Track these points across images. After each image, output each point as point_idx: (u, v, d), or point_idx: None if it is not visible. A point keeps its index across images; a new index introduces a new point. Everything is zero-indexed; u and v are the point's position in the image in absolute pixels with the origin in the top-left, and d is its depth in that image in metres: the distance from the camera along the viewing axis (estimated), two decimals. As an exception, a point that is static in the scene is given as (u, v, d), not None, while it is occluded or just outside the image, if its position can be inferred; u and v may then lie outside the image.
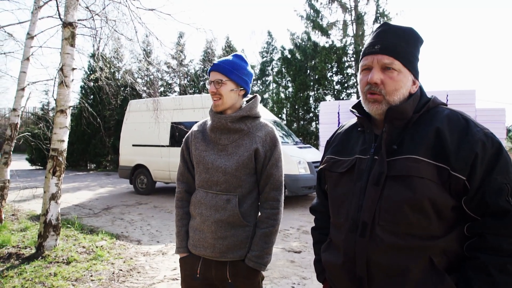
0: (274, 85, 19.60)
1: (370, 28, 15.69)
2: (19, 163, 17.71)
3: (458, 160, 0.99)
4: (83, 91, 17.71)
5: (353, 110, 1.25)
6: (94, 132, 16.85)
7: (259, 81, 20.30)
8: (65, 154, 4.54)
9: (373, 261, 1.06)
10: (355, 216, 1.11)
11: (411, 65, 1.11)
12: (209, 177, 1.63)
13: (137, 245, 4.92)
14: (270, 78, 20.12)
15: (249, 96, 1.78)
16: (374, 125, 1.19)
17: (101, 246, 4.59)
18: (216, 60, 1.68)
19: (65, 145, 4.54)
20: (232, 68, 1.62)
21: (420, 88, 1.17)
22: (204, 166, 1.64)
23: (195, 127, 1.80)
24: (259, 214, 1.69)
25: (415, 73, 1.13)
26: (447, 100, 8.96)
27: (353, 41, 15.82)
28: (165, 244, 4.94)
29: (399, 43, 1.10)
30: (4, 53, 7.01)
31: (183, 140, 1.81)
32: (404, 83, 1.10)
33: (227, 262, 1.62)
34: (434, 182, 1.00)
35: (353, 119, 1.33)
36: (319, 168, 1.39)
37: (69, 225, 5.57)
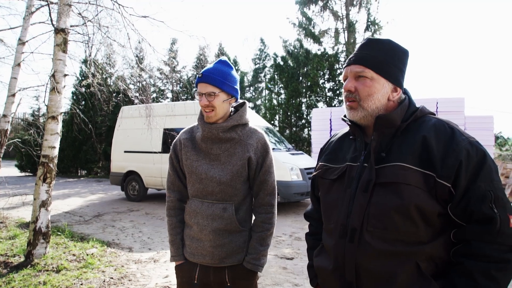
0: (267, 91, 19.68)
1: (361, 36, 15.91)
2: (9, 169, 17.44)
3: (443, 167, 1.02)
4: (74, 97, 17.56)
5: (345, 118, 1.28)
6: (86, 138, 16.71)
7: (251, 88, 20.36)
8: (56, 161, 4.50)
9: (362, 267, 1.09)
10: (345, 222, 1.15)
11: (386, 73, 1.16)
12: (204, 187, 1.63)
13: (129, 252, 4.87)
14: (263, 84, 20.20)
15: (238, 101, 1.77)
16: (365, 133, 1.23)
17: (92, 254, 4.54)
18: (203, 70, 1.63)
19: (56, 152, 4.50)
20: (223, 78, 1.59)
21: (409, 97, 1.21)
22: (197, 177, 1.64)
23: (182, 134, 1.77)
24: (254, 218, 1.72)
25: (393, 80, 1.17)
26: (437, 108, 9.10)
27: (344, 49, 16.01)
28: (157, 252, 4.90)
29: (372, 53, 1.17)
30: (-4, 59, 6.95)
31: (171, 147, 1.78)
32: (377, 89, 1.16)
33: (226, 267, 1.64)
34: (421, 189, 1.04)
35: (347, 128, 1.37)
36: (313, 175, 1.43)
37: (59, 233, 5.50)
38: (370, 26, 15.63)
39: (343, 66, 1.25)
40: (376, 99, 1.15)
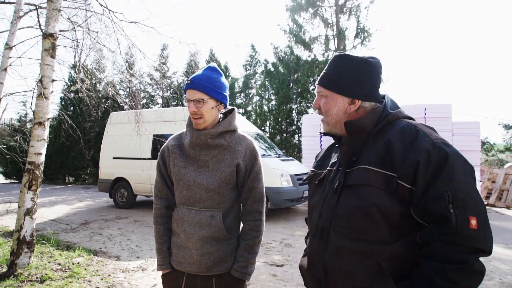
0: (257, 98, 19.71)
1: (351, 43, 16.10)
2: (-7, 176, 17.08)
3: (403, 168, 1.05)
4: (63, 103, 17.33)
5: (321, 131, 1.36)
6: (74, 145, 16.47)
7: (242, 94, 20.36)
8: (42, 168, 4.41)
9: (329, 264, 1.16)
10: (317, 222, 1.24)
11: (339, 89, 1.22)
12: (191, 194, 1.60)
13: (116, 261, 4.78)
14: (253, 91, 20.21)
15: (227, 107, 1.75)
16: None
17: (78, 263, 4.44)
18: (192, 76, 1.62)
19: (42, 158, 4.41)
20: (211, 85, 1.58)
21: (384, 104, 1.23)
22: (185, 183, 1.61)
23: (170, 141, 1.75)
24: (242, 225, 1.70)
25: (348, 94, 1.22)
26: (425, 114, 9.21)
27: (334, 56, 16.14)
28: (145, 260, 4.82)
29: (328, 72, 1.26)
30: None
31: (159, 153, 1.76)
32: (332, 105, 1.24)
33: (213, 275, 1.62)
34: (383, 190, 1.07)
35: None
36: (303, 180, 1.55)
37: (44, 241, 5.37)
38: (360, 33, 15.82)
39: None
40: (334, 113, 1.24)
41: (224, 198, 1.61)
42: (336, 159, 1.30)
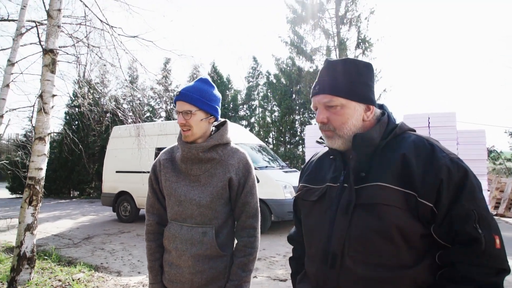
0: (260, 109, 19.77)
1: (352, 54, 16.13)
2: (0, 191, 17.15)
3: (424, 186, 0.97)
4: (67, 117, 17.49)
5: (320, 141, 1.25)
6: (78, 159, 16.52)
7: (245, 106, 20.43)
8: (42, 183, 4.39)
9: None
10: (325, 247, 1.09)
11: (355, 95, 1.11)
12: (183, 210, 1.55)
13: (117, 276, 4.71)
14: (256, 102, 20.29)
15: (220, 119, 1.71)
16: (344, 153, 1.17)
17: (78, 279, 4.38)
18: (181, 88, 1.59)
19: (43, 174, 4.40)
20: (200, 96, 1.54)
21: (388, 114, 1.17)
22: (176, 199, 1.56)
23: (162, 155, 1.71)
24: (236, 242, 1.64)
25: (364, 100, 1.12)
26: (429, 123, 9.13)
27: (336, 66, 16.17)
28: (146, 275, 4.74)
29: (336, 78, 1.11)
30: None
31: (151, 168, 1.72)
32: (350, 115, 1.11)
33: None
34: (402, 209, 0.98)
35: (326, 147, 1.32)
36: (294, 196, 1.37)
37: (46, 257, 5.32)
38: (361, 43, 15.88)
39: (310, 95, 1.19)
40: (351, 124, 1.11)
41: (216, 213, 1.55)
42: (336, 173, 1.16)
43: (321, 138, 1.25)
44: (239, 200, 1.59)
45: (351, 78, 1.11)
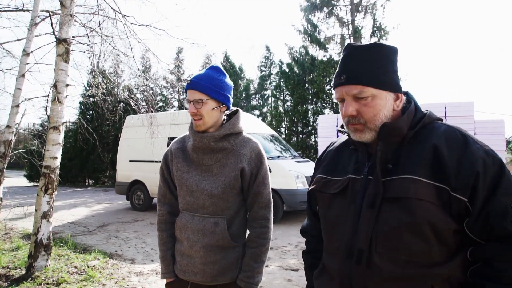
0: (273, 99, 19.64)
1: (367, 42, 15.75)
2: (18, 179, 17.61)
3: (458, 180, 0.92)
4: (81, 107, 17.73)
5: (341, 129, 1.18)
6: (93, 148, 16.78)
7: (257, 95, 20.33)
8: (57, 172, 4.46)
9: None
10: (350, 242, 1.03)
11: (386, 84, 1.03)
12: (194, 200, 1.54)
13: (131, 264, 4.79)
14: (269, 92, 20.16)
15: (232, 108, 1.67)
16: (367, 143, 1.11)
17: (93, 266, 4.46)
18: (193, 76, 1.55)
19: (57, 162, 4.46)
20: (211, 85, 1.50)
21: (415, 103, 1.10)
22: (188, 189, 1.55)
23: (173, 144, 1.69)
24: (248, 232, 1.62)
25: (394, 88, 1.04)
26: (446, 113, 8.92)
27: (350, 55, 15.90)
28: (159, 263, 4.80)
29: (365, 66, 1.02)
30: (2, 70, 7.01)
31: (162, 157, 1.70)
32: (382, 106, 1.03)
33: (218, 285, 1.54)
34: (434, 204, 0.93)
35: (344, 135, 1.24)
36: (310, 188, 1.29)
37: (62, 244, 5.44)
38: (376, 31, 15.53)
39: (333, 84, 1.10)
40: (383, 116, 1.03)
41: (228, 204, 1.53)
42: (359, 165, 1.09)
43: (342, 126, 1.18)
44: (251, 190, 1.56)
45: (380, 65, 1.03)
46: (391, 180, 0.99)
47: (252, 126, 8.55)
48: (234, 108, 1.68)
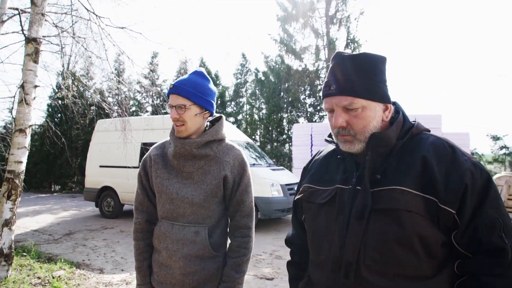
0: (248, 106, 19.67)
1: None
2: (-24, 184, 16.57)
3: (446, 192, 0.92)
4: (49, 110, 17.02)
5: (329, 139, 1.17)
6: (60, 152, 16.11)
7: (233, 103, 20.30)
8: (22, 177, 4.23)
9: None
10: (338, 254, 1.01)
11: (376, 95, 1.01)
12: (174, 208, 1.48)
13: (99, 274, 4.58)
14: (244, 99, 20.18)
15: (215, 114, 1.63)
16: (355, 153, 1.10)
17: (59, 277, 4.24)
18: (175, 81, 1.50)
19: (23, 167, 4.23)
20: (195, 90, 1.46)
21: (403, 113, 1.10)
22: (167, 197, 1.49)
23: (153, 150, 1.63)
24: (229, 242, 1.58)
25: (383, 99, 1.03)
26: (415, 124, 9.24)
27: (325, 65, 16.25)
28: (130, 273, 4.63)
29: (355, 77, 1.00)
30: (-37, 68, 6.62)
31: (141, 163, 1.64)
32: (372, 117, 1.02)
33: None
34: (423, 216, 0.92)
35: (331, 145, 1.23)
36: (296, 197, 1.26)
37: (24, 253, 5.14)
38: (350, 43, 15.96)
39: (322, 94, 1.08)
40: (373, 127, 1.02)
41: (210, 212, 1.49)
42: (347, 174, 1.08)
43: (329, 136, 1.17)
44: (233, 198, 1.53)
45: (370, 76, 1.01)
46: (380, 190, 0.98)
47: (227, 133, 8.50)
48: (218, 115, 1.65)
